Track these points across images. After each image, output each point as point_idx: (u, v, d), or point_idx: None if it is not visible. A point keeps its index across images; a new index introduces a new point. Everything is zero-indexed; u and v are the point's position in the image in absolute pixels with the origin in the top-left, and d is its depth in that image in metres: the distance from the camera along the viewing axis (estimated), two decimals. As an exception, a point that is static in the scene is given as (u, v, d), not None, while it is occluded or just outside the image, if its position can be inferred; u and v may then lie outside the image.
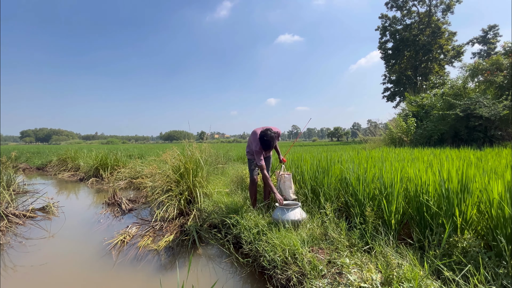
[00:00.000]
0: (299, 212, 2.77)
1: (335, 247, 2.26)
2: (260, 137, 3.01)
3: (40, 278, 2.59)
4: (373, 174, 2.84)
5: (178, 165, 4.61)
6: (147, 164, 7.55)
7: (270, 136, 2.97)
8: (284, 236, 2.42)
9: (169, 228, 3.78)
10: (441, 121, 9.32)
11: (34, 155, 14.96)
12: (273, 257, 2.26)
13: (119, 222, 4.32)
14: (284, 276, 2.13)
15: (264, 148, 3.03)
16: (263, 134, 3.00)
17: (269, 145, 2.99)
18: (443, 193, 2.12)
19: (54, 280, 2.56)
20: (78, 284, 2.49)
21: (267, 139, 2.97)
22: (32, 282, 2.52)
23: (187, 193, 4.29)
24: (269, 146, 3.00)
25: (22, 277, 2.61)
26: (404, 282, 1.52)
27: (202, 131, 9.98)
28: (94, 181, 8.32)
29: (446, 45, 26.76)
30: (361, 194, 2.60)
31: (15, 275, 2.63)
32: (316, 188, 3.28)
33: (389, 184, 2.47)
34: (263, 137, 2.98)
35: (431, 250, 1.94)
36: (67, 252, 3.22)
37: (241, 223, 2.95)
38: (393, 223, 2.30)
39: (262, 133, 3.01)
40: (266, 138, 2.97)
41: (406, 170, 2.87)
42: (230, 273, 2.60)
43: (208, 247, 3.25)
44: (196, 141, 5.48)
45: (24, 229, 4.09)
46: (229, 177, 5.44)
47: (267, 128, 3.04)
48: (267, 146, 3.00)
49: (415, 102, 11.88)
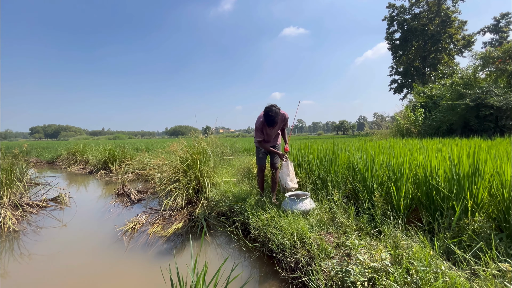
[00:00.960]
0: (309, 202, 2.78)
1: (343, 231, 2.27)
2: (265, 112, 3.00)
3: (56, 264, 2.68)
4: (381, 160, 2.82)
5: (185, 155, 4.65)
6: (154, 156, 7.63)
7: (275, 111, 2.96)
8: (292, 221, 2.44)
9: (178, 217, 3.85)
10: (450, 111, 9.14)
11: (44, 150, 15.29)
12: (281, 241, 2.28)
13: (129, 211, 4.41)
14: (293, 259, 2.16)
15: (267, 123, 3.00)
16: (267, 109, 2.99)
17: (272, 120, 2.95)
18: (453, 177, 2.10)
19: (70, 266, 2.65)
20: (92, 269, 2.57)
21: (271, 114, 2.95)
22: (47, 269, 2.61)
23: (195, 182, 4.34)
24: (272, 121, 2.96)
25: (37, 264, 2.71)
26: (414, 262, 1.53)
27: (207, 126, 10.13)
28: (103, 173, 8.48)
29: (456, 34, 25.99)
30: (369, 179, 2.59)
31: (31, 263, 2.73)
32: (323, 176, 3.28)
33: (398, 169, 2.46)
34: (268, 112, 2.97)
35: (441, 233, 1.93)
36: (80, 240, 3.31)
37: (248, 210, 2.98)
38: (402, 208, 2.29)
39: (267, 108, 3.00)
40: (270, 113, 2.95)
41: (415, 156, 2.84)
42: (239, 257, 2.64)
43: (217, 233, 3.30)
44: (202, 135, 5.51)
45: (38, 218, 4.21)
46: (236, 167, 5.47)
47: (272, 104, 3.04)
48: (270, 120, 2.96)
49: (424, 93, 11.65)
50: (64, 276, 2.42)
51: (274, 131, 3.28)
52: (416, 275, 1.46)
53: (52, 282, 2.34)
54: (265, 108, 3.03)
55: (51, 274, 2.48)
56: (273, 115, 2.96)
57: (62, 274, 2.46)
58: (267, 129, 3.20)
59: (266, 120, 3.00)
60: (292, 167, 3.21)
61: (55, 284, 2.30)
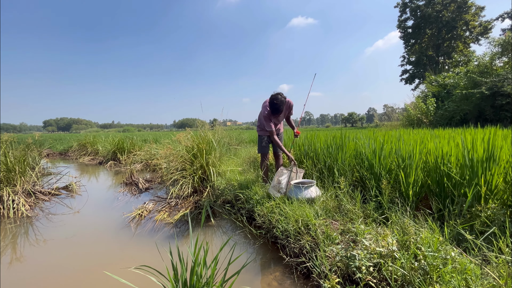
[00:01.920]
0: (314, 189, 2.73)
1: (349, 218, 2.23)
2: (270, 100, 2.97)
3: (67, 249, 2.76)
4: (390, 147, 2.74)
5: (191, 145, 4.67)
6: (161, 146, 7.71)
7: (280, 100, 2.93)
8: (297, 208, 2.41)
9: (184, 204, 3.89)
10: (464, 101, 8.80)
11: (56, 141, 15.70)
12: (286, 227, 2.26)
13: (137, 199, 4.49)
14: (297, 245, 2.14)
15: (273, 111, 2.98)
16: (273, 97, 2.96)
17: (278, 108, 2.94)
18: (466, 163, 2.01)
19: (80, 251, 2.72)
20: (101, 254, 2.63)
21: (276, 102, 2.93)
22: (61, 253, 2.69)
23: (201, 171, 4.35)
24: (277, 109, 2.95)
25: (51, 248, 2.79)
26: (422, 247, 1.48)
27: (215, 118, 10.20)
28: (112, 164, 8.64)
29: (472, 21, 24.79)
30: (377, 166, 2.53)
31: (45, 247, 2.81)
32: (330, 164, 3.22)
33: (407, 156, 2.38)
34: (273, 101, 2.94)
35: (451, 220, 1.86)
36: (90, 226, 3.39)
37: (253, 198, 2.97)
38: (411, 195, 2.22)
39: (272, 97, 2.98)
40: (276, 101, 2.93)
41: (426, 144, 2.74)
42: (243, 243, 2.64)
43: (222, 221, 3.32)
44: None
45: (50, 205, 4.34)
46: (242, 157, 5.46)
47: (278, 92, 3.00)
48: (275, 109, 2.95)
49: (436, 82, 11.24)
50: (74, 260, 2.48)
51: (279, 119, 3.25)
52: (424, 261, 1.41)
53: (63, 265, 2.41)
54: (270, 96, 3.00)
55: (63, 257, 2.55)
56: (278, 104, 2.94)
57: (72, 258, 2.53)
58: (272, 117, 3.15)
59: (271, 108, 2.97)
60: (297, 175, 3.12)
61: (66, 268, 2.37)
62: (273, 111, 2.98)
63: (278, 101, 2.92)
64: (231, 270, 1.50)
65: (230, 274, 1.46)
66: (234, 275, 1.35)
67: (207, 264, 1.34)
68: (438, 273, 1.34)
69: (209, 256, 2.42)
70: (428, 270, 1.36)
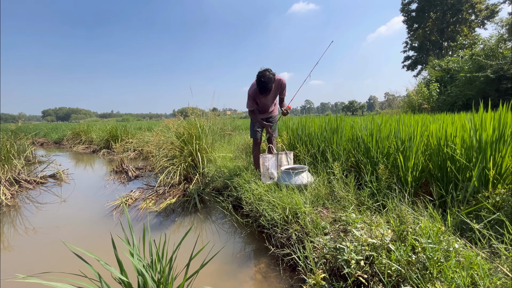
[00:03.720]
0: (306, 175, 2.53)
1: (342, 206, 2.04)
2: (257, 77, 2.64)
3: (42, 240, 2.60)
4: (388, 130, 2.51)
5: (182, 131, 4.45)
6: (154, 134, 7.50)
7: (268, 77, 2.59)
8: (286, 195, 2.22)
9: (172, 193, 3.71)
10: (468, 85, 8.48)
11: (51, 130, 15.47)
12: (272, 215, 2.08)
13: (125, 187, 4.32)
14: (284, 235, 1.96)
15: (260, 89, 2.66)
16: (260, 74, 2.62)
17: (265, 86, 2.60)
18: (473, 144, 1.79)
19: (52, 242, 2.55)
20: (78, 244, 2.46)
21: (264, 80, 2.58)
22: (40, 242, 2.53)
23: (190, 158, 4.15)
24: (265, 87, 2.61)
25: (29, 239, 2.63)
26: (420, 238, 1.29)
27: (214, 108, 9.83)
28: (105, 152, 8.46)
29: (479, 3, 23.88)
30: (374, 150, 2.31)
31: (26, 236, 2.65)
32: (324, 149, 3.01)
33: (407, 138, 2.16)
34: (260, 78, 2.61)
35: (454, 207, 1.67)
36: (70, 215, 3.20)
37: (242, 185, 2.78)
38: (410, 180, 2.02)
39: (260, 74, 2.64)
40: (263, 79, 2.58)
41: (428, 126, 2.50)
42: (229, 232, 2.47)
43: (209, 209, 3.15)
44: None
45: (36, 194, 4.18)
46: (235, 144, 5.25)
47: (266, 68, 2.67)
48: (263, 87, 2.62)
49: (440, 66, 10.84)
50: (42, 253, 2.32)
51: (268, 100, 2.94)
52: (423, 254, 1.22)
53: (30, 258, 2.24)
54: (258, 73, 2.69)
55: (34, 249, 2.39)
56: (265, 82, 2.58)
57: (41, 250, 2.36)
58: (260, 97, 2.86)
59: (258, 86, 2.65)
60: (287, 157, 2.96)
61: (40, 257, 2.20)
62: (260, 90, 2.66)
63: (265, 78, 2.58)
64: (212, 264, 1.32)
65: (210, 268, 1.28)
66: (194, 274, 1.16)
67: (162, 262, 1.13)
68: (439, 268, 1.15)
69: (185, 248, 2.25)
70: (428, 264, 1.17)
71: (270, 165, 2.90)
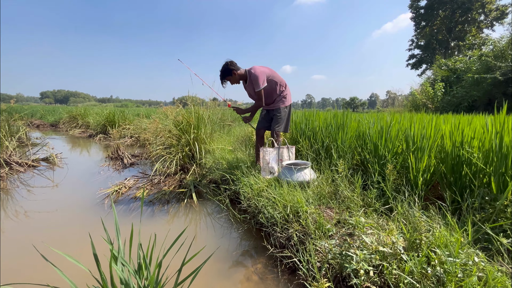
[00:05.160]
0: (309, 172, 2.41)
1: (346, 206, 1.92)
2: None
3: (25, 227, 2.48)
4: (398, 128, 2.37)
5: (180, 119, 4.29)
6: (152, 121, 7.33)
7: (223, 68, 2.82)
8: (287, 193, 2.10)
9: (168, 182, 3.59)
10: (474, 86, 8.30)
11: (48, 113, 15.20)
12: (272, 213, 1.96)
13: (119, 174, 4.18)
14: (284, 234, 1.84)
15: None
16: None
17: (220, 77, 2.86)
18: (492, 148, 1.66)
19: (35, 231, 2.43)
20: (65, 234, 2.34)
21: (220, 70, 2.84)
22: (13, 231, 2.41)
23: (188, 148, 4.01)
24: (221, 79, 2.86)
25: (25, 222, 2.51)
26: (437, 249, 1.17)
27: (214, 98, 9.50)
28: (102, 137, 8.29)
29: (489, 3, 23.38)
30: (382, 148, 2.18)
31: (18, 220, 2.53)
32: (328, 145, 2.87)
33: (420, 137, 2.02)
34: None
35: (469, 214, 1.55)
36: (59, 202, 3.07)
37: (241, 179, 2.65)
38: (420, 183, 1.89)
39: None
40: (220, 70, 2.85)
41: (440, 126, 2.37)
42: (225, 228, 2.36)
43: (206, 201, 3.03)
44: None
45: (27, 177, 4.04)
46: (235, 135, 5.10)
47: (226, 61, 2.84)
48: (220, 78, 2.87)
49: (446, 66, 10.62)
50: (20, 241, 2.20)
51: (250, 92, 2.96)
52: (440, 267, 1.10)
53: (7, 246, 2.12)
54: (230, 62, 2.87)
55: (12, 236, 2.27)
56: (220, 72, 2.85)
57: (20, 239, 2.24)
58: (246, 88, 3.01)
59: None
60: (289, 151, 2.85)
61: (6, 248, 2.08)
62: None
63: (222, 67, 2.83)
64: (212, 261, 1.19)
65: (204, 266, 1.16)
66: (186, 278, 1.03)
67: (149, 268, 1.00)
68: (459, 284, 1.04)
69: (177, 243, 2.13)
70: (445, 279, 1.06)
71: (270, 159, 2.77)
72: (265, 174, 2.75)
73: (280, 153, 2.80)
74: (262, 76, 2.75)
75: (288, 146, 2.86)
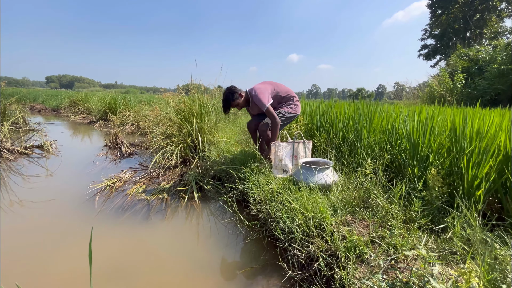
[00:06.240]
0: (331, 173, 2.03)
1: (381, 220, 1.56)
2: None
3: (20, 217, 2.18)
4: (438, 123, 1.97)
5: (181, 107, 3.91)
6: (152, 108, 6.97)
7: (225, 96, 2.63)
8: (307, 199, 1.74)
9: (167, 176, 3.25)
10: (499, 78, 7.69)
11: (49, 97, 14.93)
12: (290, 225, 1.60)
13: (115, 165, 3.86)
14: (304, 252, 1.49)
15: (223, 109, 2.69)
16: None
17: (224, 105, 2.65)
18: None
19: (26, 224, 2.13)
20: (52, 233, 2.04)
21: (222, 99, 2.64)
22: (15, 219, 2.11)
23: (190, 139, 3.65)
24: (224, 107, 2.66)
25: None
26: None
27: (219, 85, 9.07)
28: (102, 124, 7.99)
29: (512, -10, 21.93)
30: (425, 147, 1.79)
31: None
32: (352, 140, 2.48)
33: (477, 136, 1.62)
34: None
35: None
36: (45, 195, 2.77)
37: (249, 177, 2.30)
38: (478, 194, 1.51)
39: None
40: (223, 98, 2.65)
41: (494, 120, 1.96)
42: (231, 236, 2.02)
43: (209, 200, 2.70)
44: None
45: (20, 166, 3.76)
46: (241, 126, 4.72)
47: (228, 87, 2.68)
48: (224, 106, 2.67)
49: (467, 56, 9.94)
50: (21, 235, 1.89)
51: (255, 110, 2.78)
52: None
53: None
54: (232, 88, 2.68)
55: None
56: (223, 101, 2.64)
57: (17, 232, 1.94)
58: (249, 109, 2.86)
59: None
60: (304, 150, 2.47)
61: None
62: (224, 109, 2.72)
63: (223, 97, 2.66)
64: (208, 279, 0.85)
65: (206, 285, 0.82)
66: None
67: None
68: None
69: (176, 254, 1.80)
70: None
71: (284, 155, 2.39)
72: (277, 172, 2.38)
73: (295, 148, 2.42)
74: (264, 93, 2.52)
75: (305, 140, 2.48)
